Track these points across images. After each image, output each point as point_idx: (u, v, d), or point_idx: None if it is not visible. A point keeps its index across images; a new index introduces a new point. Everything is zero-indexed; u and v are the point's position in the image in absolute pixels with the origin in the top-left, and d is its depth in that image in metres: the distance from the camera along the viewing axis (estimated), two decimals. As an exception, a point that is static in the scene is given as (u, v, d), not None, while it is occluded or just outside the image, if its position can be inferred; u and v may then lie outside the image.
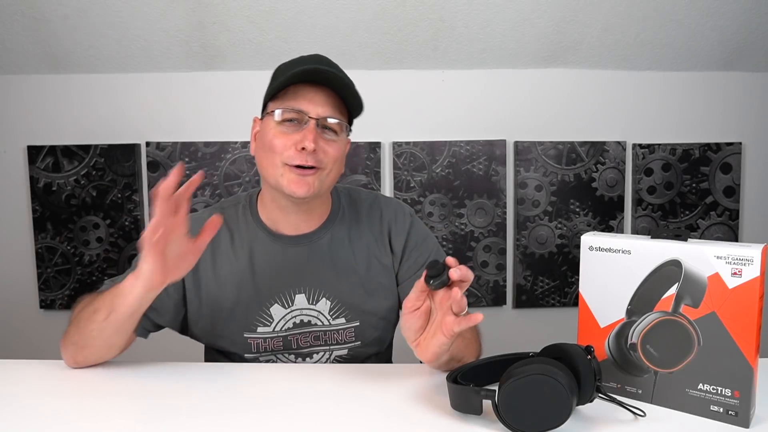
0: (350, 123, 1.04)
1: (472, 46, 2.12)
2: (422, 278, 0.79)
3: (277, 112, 0.97)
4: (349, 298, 1.07)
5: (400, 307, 1.10)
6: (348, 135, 1.04)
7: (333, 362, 1.09)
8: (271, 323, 1.05)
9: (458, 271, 0.77)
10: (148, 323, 1.03)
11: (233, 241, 1.05)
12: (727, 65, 2.21)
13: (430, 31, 2.05)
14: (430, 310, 0.82)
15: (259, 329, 1.04)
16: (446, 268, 0.78)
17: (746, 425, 0.76)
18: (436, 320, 0.81)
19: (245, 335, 1.04)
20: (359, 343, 1.09)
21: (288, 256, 1.05)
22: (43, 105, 2.17)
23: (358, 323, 1.08)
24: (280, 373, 1.00)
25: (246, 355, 1.05)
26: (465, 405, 0.78)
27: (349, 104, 1.00)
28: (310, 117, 0.95)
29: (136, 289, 0.85)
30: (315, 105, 0.96)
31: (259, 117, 1.05)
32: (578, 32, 2.08)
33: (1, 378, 0.95)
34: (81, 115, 2.17)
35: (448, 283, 0.78)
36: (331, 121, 0.97)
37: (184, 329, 1.08)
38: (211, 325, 1.05)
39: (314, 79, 0.96)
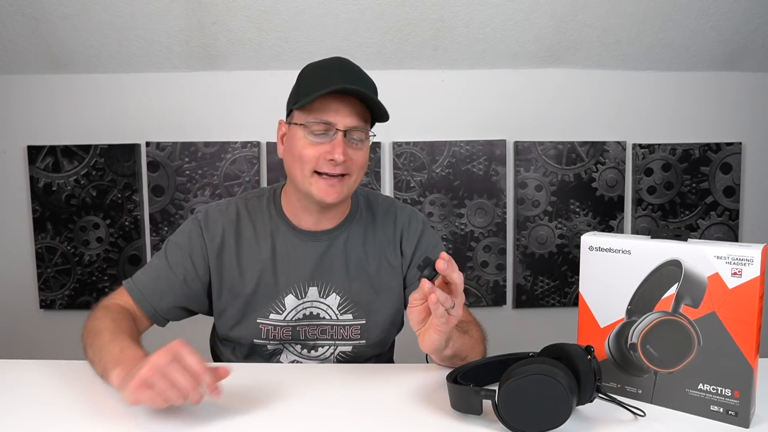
0: (373, 124, 1.07)
1: (472, 46, 2.11)
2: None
3: (306, 123, 1.00)
4: (357, 295, 1.11)
5: (405, 309, 1.13)
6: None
7: (337, 358, 1.12)
8: (283, 312, 1.09)
9: (443, 263, 0.76)
10: (181, 312, 1.10)
11: (256, 231, 1.10)
12: (727, 65, 2.21)
13: (430, 31, 2.05)
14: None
15: (272, 316, 1.08)
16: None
17: (746, 425, 0.76)
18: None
19: (258, 320, 1.08)
20: (364, 342, 1.11)
21: (306, 249, 1.10)
22: (43, 105, 2.17)
23: (364, 321, 1.11)
24: (281, 372, 1.00)
25: (255, 340, 1.09)
26: (465, 405, 0.78)
27: (374, 112, 1.03)
28: (338, 129, 0.99)
29: (111, 381, 0.82)
30: (342, 116, 0.99)
31: (284, 119, 1.08)
32: (578, 32, 2.08)
33: (1, 378, 0.95)
34: (81, 115, 2.17)
35: (435, 276, 0.78)
36: (357, 131, 1.01)
37: (210, 313, 1.14)
38: (229, 310, 1.09)
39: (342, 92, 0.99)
